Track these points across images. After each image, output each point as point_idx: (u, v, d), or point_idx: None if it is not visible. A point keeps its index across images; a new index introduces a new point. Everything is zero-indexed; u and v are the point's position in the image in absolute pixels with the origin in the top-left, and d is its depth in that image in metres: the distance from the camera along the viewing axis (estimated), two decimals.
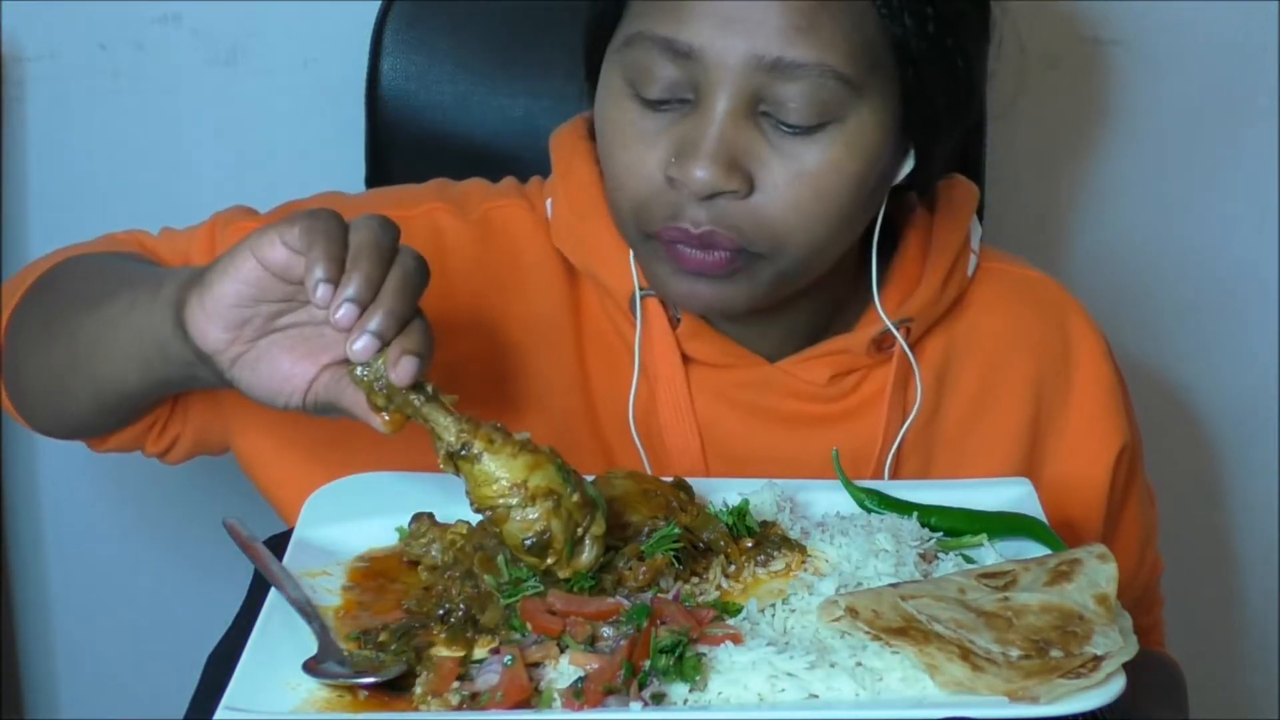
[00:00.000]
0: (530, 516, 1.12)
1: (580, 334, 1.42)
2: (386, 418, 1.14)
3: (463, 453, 1.12)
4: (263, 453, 1.38)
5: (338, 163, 1.87)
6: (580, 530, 1.13)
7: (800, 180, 1.26)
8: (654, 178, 1.28)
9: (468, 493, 1.14)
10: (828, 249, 1.32)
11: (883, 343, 1.40)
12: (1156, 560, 1.60)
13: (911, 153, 1.34)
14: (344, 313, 1.09)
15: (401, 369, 1.10)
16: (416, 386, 1.13)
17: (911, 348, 1.42)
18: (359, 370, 1.12)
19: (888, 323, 1.39)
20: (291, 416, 1.21)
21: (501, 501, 1.12)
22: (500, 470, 1.12)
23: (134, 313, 1.23)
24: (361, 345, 1.09)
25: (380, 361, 1.11)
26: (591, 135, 1.39)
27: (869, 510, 1.27)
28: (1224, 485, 2.14)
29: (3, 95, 1.89)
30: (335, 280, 1.09)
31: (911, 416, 1.41)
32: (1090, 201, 2.03)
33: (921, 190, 1.42)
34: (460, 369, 1.36)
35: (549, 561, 1.13)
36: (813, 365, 1.40)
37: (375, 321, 1.09)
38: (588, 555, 1.13)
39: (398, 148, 1.79)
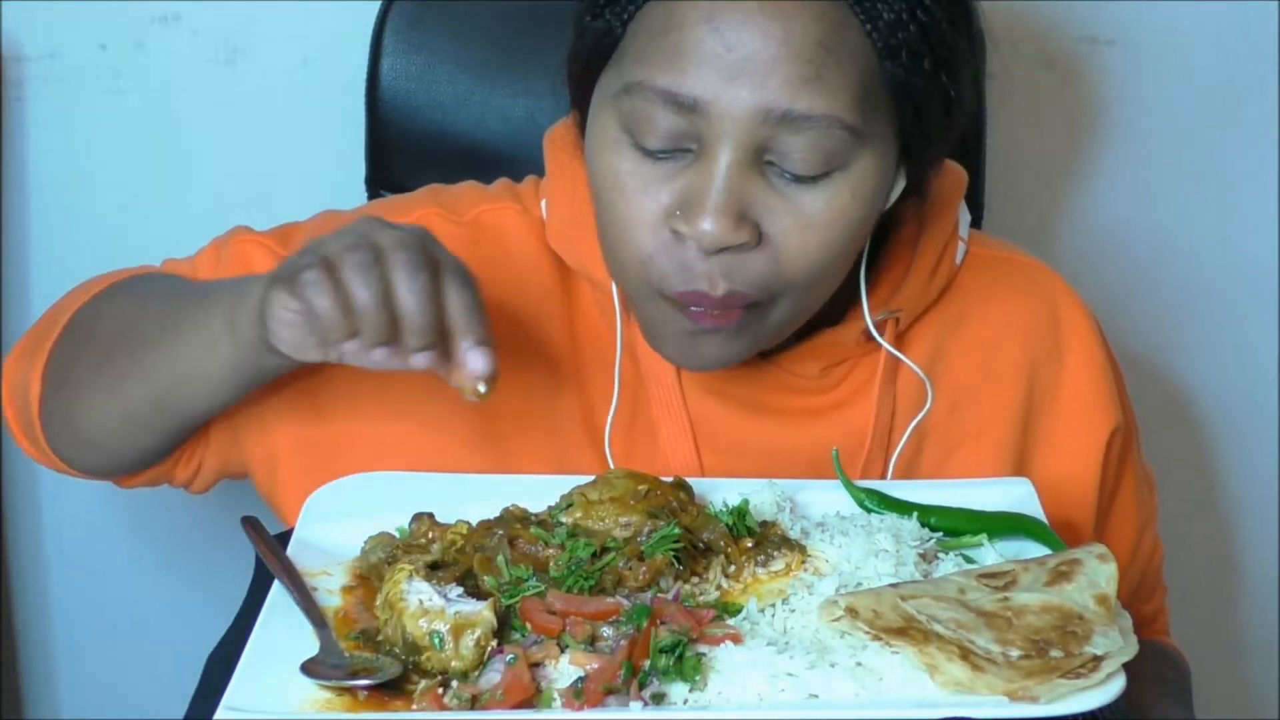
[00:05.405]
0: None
1: (574, 332, 1.42)
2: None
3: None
4: (278, 449, 1.38)
5: (338, 163, 1.86)
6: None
7: (808, 229, 1.25)
8: (659, 231, 1.26)
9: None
10: (829, 289, 1.33)
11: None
12: (1156, 547, 1.59)
13: (903, 173, 1.33)
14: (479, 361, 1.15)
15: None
16: None
17: (901, 336, 1.42)
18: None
19: (872, 330, 1.39)
20: (310, 407, 1.24)
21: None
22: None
23: (219, 348, 1.25)
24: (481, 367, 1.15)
25: None
26: (584, 134, 1.40)
27: (869, 510, 1.27)
28: (1224, 479, 2.14)
29: (3, 95, 1.89)
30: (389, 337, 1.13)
31: (923, 412, 1.41)
32: (1089, 202, 2.03)
33: (915, 194, 1.41)
34: None
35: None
36: (804, 358, 1.41)
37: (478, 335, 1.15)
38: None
39: (398, 148, 1.79)
